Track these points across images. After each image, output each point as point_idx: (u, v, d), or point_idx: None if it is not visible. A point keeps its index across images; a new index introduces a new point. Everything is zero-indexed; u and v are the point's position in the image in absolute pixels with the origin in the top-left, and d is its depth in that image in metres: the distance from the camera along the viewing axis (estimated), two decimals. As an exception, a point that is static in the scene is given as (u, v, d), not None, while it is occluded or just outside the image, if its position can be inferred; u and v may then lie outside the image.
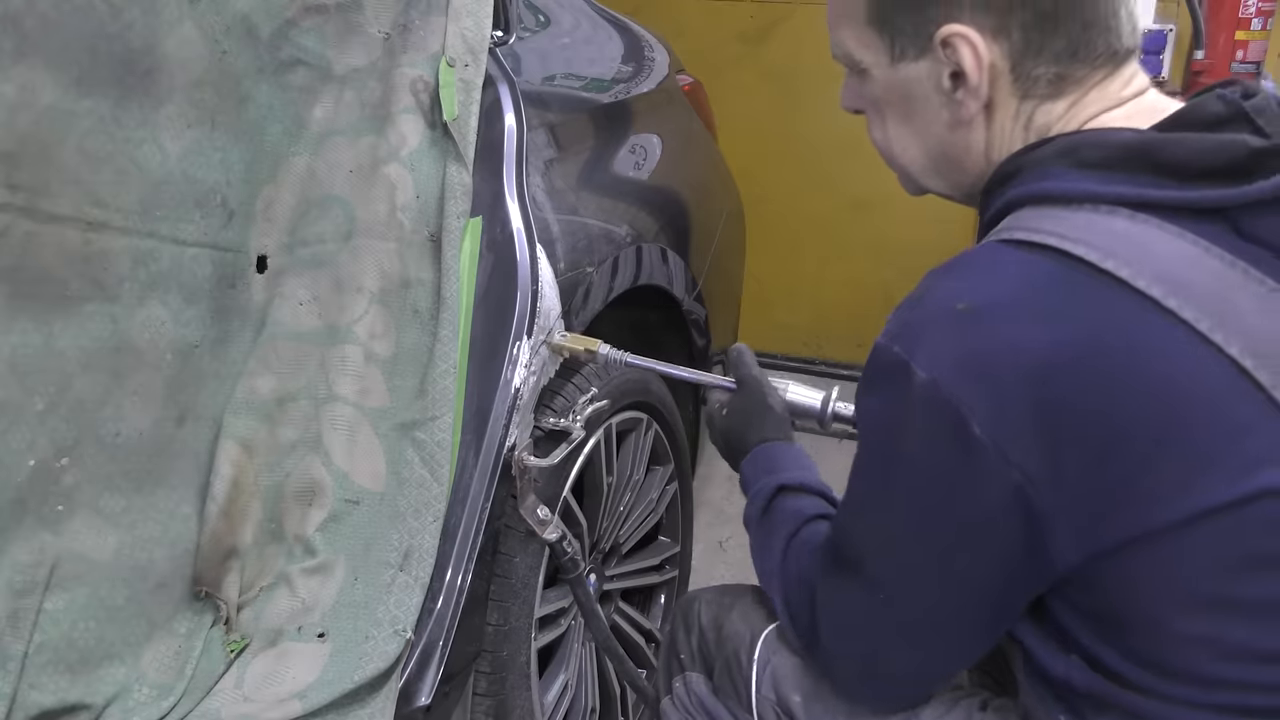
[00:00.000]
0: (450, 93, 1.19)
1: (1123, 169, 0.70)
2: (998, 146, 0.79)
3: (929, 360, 0.68)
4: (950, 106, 0.79)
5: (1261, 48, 2.44)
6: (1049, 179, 0.73)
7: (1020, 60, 0.75)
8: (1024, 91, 0.76)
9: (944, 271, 0.73)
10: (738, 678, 1.00)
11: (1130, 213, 0.68)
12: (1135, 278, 0.65)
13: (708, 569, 2.20)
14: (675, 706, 1.08)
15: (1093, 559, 0.68)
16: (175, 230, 1.01)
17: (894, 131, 0.85)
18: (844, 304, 3.30)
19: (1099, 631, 0.72)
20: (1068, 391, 0.65)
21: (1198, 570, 0.67)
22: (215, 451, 1.07)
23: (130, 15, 0.95)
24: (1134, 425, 0.64)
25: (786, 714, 0.96)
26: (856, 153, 3.12)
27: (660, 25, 2.19)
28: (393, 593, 1.04)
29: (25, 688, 0.87)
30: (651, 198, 1.71)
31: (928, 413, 0.68)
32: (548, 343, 1.22)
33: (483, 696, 1.27)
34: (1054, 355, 0.65)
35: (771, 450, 1.07)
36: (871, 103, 0.86)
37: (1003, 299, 0.68)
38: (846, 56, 0.85)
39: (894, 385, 0.70)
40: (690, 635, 1.09)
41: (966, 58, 0.74)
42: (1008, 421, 0.66)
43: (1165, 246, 0.67)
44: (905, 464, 0.73)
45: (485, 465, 1.14)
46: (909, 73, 0.80)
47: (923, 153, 0.84)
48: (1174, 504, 0.65)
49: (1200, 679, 0.69)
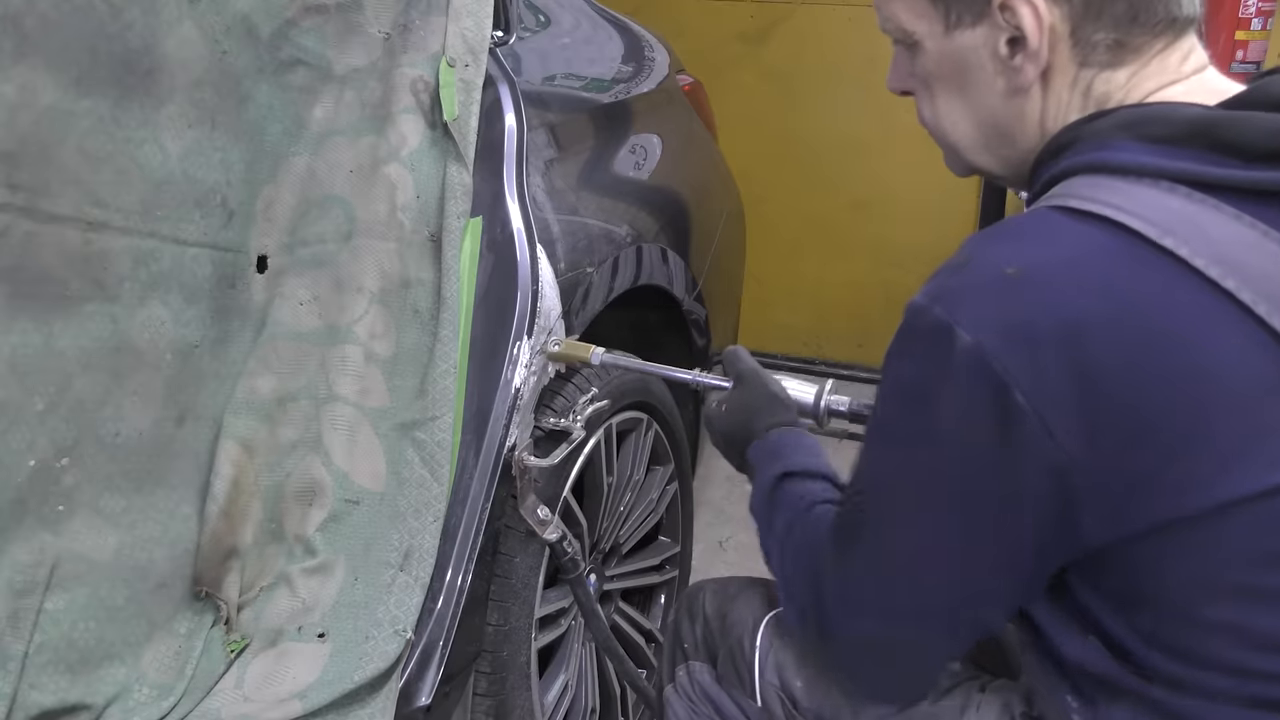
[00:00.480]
0: (450, 93, 1.19)
1: (1186, 145, 0.68)
2: (1053, 116, 0.77)
3: (974, 324, 0.66)
4: (1007, 74, 0.77)
5: (1261, 48, 2.44)
6: (1108, 150, 0.71)
7: (1080, 24, 0.73)
8: (1083, 58, 0.74)
9: (991, 236, 0.72)
10: (741, 664, 1.00)
11: (1188, 191, 0.67)
12: (1194, 256, 0.64)
13: (708, 569, 2.20)
14: (679, 695, 1.08)
15: (1121, 539, 0.67)
16: (175, 230, 1.01)
17: (944, 107, 0.83)
18: (844, 304, 3.30)
19: (1121, 613, 0.71)
20: (1112, 366, 0.63)
21: (1226, 558, 0.66)
22: (215, 451, 1.07)
23: (130, 15, 0.95)
24: (1176, 408, 0.63)
25: (790, 699, 0.96)
26: (856, 153, 3.14)
27: (660, 25, 2.18)
28: (393, 593, 1.04)
29: (25, 688, 0.87)
30: (651, 198, 1.71)
31: (969, 378, 0.66)
32: (543, 352, 1.21)
33: (483, 696, 1.27)
34: (1103, 328, 0.63)
35: (778, 437, 1.05)
36: (922, 79, 0.84)
37: (1055, 266, 0.66)
38: (898, 29, 0.83)
39: (933, 348, 0.68)
40: (695, 624, 1.09)
41: (1027, 19, 0.73)
42: (1051, 392, 0.64)
43: (1224, 228, 0.65)
44: (939, 431, 0.70)
45: (485, 465, 1.14)
46: (964, 40, 0.77)
47: (974, 126, 0.82)
48: (1202, 493, 0.64)
49: (1222, 667, 0.68)
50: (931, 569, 0.75)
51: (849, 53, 3.03)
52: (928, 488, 0.73)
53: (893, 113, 3.04)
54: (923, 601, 0.77)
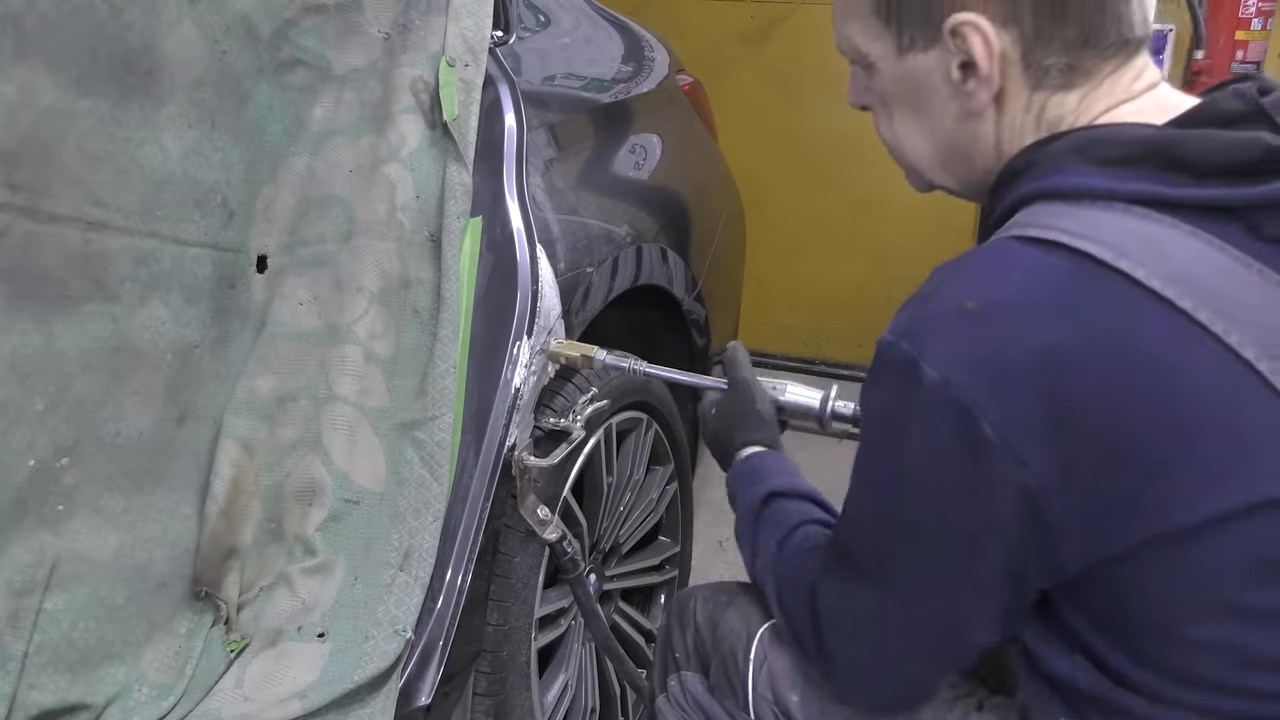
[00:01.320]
0: (450, 93, 1.19)
1: (1138, 165, 0.69)
2: (1008, 139, 0.78)
3: (939, 359, 0.67)
4: (960, 98, 0.77)
5: (1261, 48, 2.44)
6: (1061, 174, 0.72)
7: (1031, 48, 0.73)
8: (1035, 82, 0.75)
9: (953, 268, 0.72)
10: (734, 677, 1.00)
11: (1144, 211, 0.67)
12: (1149, 278, 0.64)
13: (708, 569, 2.20)
14: (671, 705, 1.08)
15: (1102, 563, 0.68)
16: (176, 230, 1.01)
17: (901, 127, 0.84)
18: (844, 304, 3.30)
19: (1106, 633, 0.71)
20: (1079, 393, 0.64)
21: (1207, 577, 0.66)
22: (215, 451, 1.07)
23: (130, 15, 0.95)
24: (1146, 430, 0.64)
25: (784, 713, 0.96)
26: (856, 153, 3.13)
27: (660, 25, 2.18)
28: (393, 592, 1.04)
29: (25, 688, 0.87)
30: (651, 198, 1.71)
31: (937, 412, 0.67)
32: (543, 350, 1.21)
33: (483, 696, 1.27)
34: (1066, 356, 0.64)
35: (755, 460, 1.07)
36: (879, 97, 0.85)
37: (1014, 298, 0.67)
38: (853, 50, 0.83)
39: (902, 383, 0.69)
40: (685, 633, 1.08)
41: (977, 46, 0.73)
42: (1019, 422, 0.65)
43: (1179, 246, 0.66)
44: (913, 464, 0.71)
45: (485, 465, 1.14)
46: (917, 64, 0.78)
47: (931, 147, 0.83)
48: (1183, 511, 0.64)
49: (1209, 685, 0.68)
50: (918, 597, 0.76)
51: (849, 53, 3.03)
52: (906, 517, 0.74)
53: (893, 113, 3.05)
54: (907, 628, 0.78)
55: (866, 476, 0.79)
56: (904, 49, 0.79)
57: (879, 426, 0.76)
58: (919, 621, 0.77)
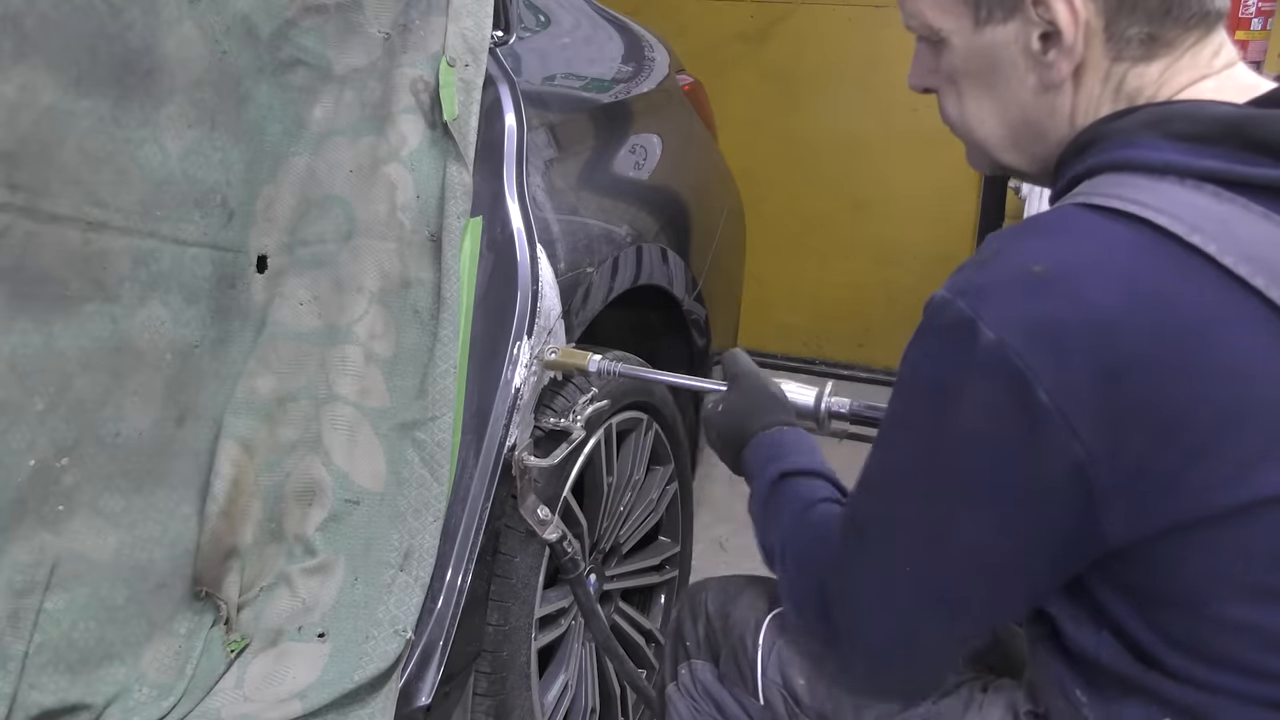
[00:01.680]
0: (450, 93, 1.19)
1: (1214, 143, 0.67)
2: (1084, 111, 0.76)
3: (998, 320, 0.65)
4: (1039, 69, 0.75)
5: (1261, 48, 2.44)
6: (1134, 147, 0.70)
7: (1115, 17, 0.72)
8: (1116, 52, 0.73)
9: (1017, 233, 0.71)
10: (743, 662, 1.00)
11: (1216, 189, 0.66)
12: (1222, 254, 0.63)
13: (708, 569, 2.20)
14: (681, 693, 1.08)
15: (1143, 538, 0.67)
16: (175, 230, 1.01)
17: (972, 104, 0.81)
18: (844, 304, 3.30)
19: (1139, 610, 0.70)
20: (1138, 365, 0.63)
21: (1247, 558, 0.65)
22: (215, 451, 1.07)
23: (130, 15, 0.95)
24: (1202, 406, 0.63)
25: (792, 697, 0.95)
26: (856, 153, 3.14)
27: (660, 25, 2.18)
28: (393, 593, 1.04)
29: (25, 688, 0.87)
30: (651, 198, 1.71)
31: (991, 375, 0.65)
32: (539, 359, 1.21)
33: (483, 696, 1.27)
34: (1130, 327, 0.63)
35: (775, 436, 1.04)
36: (947, 76, 0.82)
37: (1081, 264, 0.65)
38: (923, 26, 0.81)
39: (955, 343, 0.67)
40: (697, 623, 1.08)
41: (1062, 14, 0.71)
42: (1075, 390, 0.63)
43: (1253, 227, 0.65)
44: (960, 427, 0.68)
45: (485, 465, 1.14)
46: (995, 36, 0.76)
47: (1003, 124, 0.81)
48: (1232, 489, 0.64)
49: (1239, 667, 0.67)
50: (950, 564, 0.73)
51: (849, 53, 3.03)
52: (948, 483, 0.71)
53: (892, 113, 3.06)
54: (941, 597, 0.75)
55: (903, 437, 0.75)
56: (982, 21, 0.76)
57: (925, 386, 0.72)
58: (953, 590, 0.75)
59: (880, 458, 0.78)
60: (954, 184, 3.02)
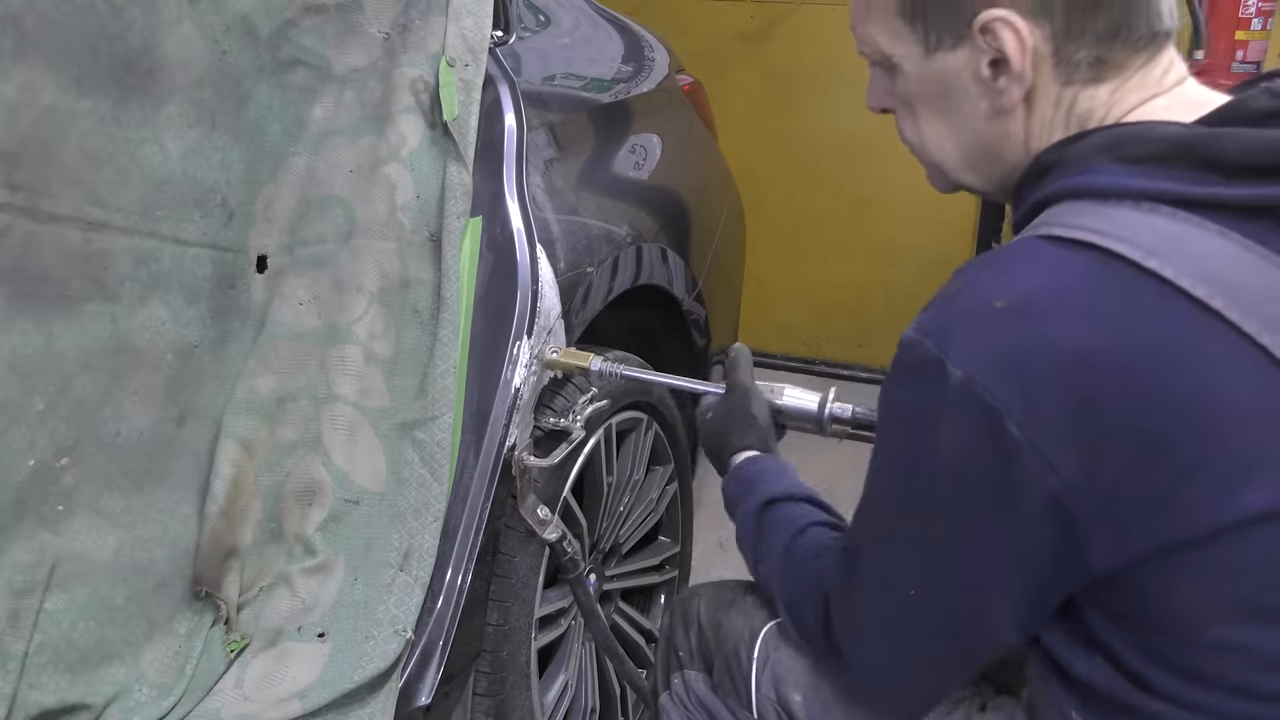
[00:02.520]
0: (450, 93, 1.19)
1: (1168, 164, 0.68)
2: (1038, 135, 0.77)
3: (964, 357, 0.66)
4: (990, 96, 0.76)
5: (1261, 48, 2.44)
6: (1090, 173, 0.71)
7: (1063, 43, 0.72)
8: (1066, 77, 0.74)
9: (980, 266, 0.71)
10: (737, 675, 1.00)
11: (1171, 210, 0.66)
12: (1178, 277, 0.63)
13: (708, 569, 2.20)
14: (674, 703, 1.08)
15: (1129, 564, 0.67)
16: (176, 230, 1.01)
17: (927, 128, 0.82)
18: (844, 304, 3.30)
19: (1130, 634, 0.70)
20: (1107, 393, 0.63)
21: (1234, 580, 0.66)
22: (215, 451, 1.07)
23: (130, 15, 0.95)
24: (1174, 431, 0.63)
25: (786, 713, 0.96)
26: (856, 153, 3.14)
27: (660, 25, 2.18)
28: (393, 592, 1.04)
29: (25, 687, 0.87)
30: (651, 197, 1.71)
31: (962, 412, 0.66)
32: (539, 359, 1.21)
33: (483, 696, 1.27)
34: (1095, 355, 0.63)
35: (750, 466, 1.06)
36: (902, 99, 0.83)
37: (1042, 296, 0.66)
38: (876, 52, 0.82)
39: (926, 382, 0.68)
40: (689, 632, 1.08)
41: (1009, 42, 0.72)
42: (1045, 422, 0.64)
43: (1207, 245, 0.65)
44: (936, 465, 0.70)
45: (485, 465, 1.14)
46: (945, 63, 0.77)
47: (958, 147, 0.82)
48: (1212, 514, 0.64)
49: (1231, 688, 0.68)
50: (939, 593, 0.75)
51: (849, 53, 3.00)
52: (929, 517, 0.73)
53: (892, 113, 3.06)
54: (929, 626, 0.77)
55: (885, 476, 0.77)
56: (931, 49, 0.77)
57: (901, 426, 0.74)
58: (943, 625, 0.76)
59: (867, 495, 0.80)
60: (954, 184, 3.01)
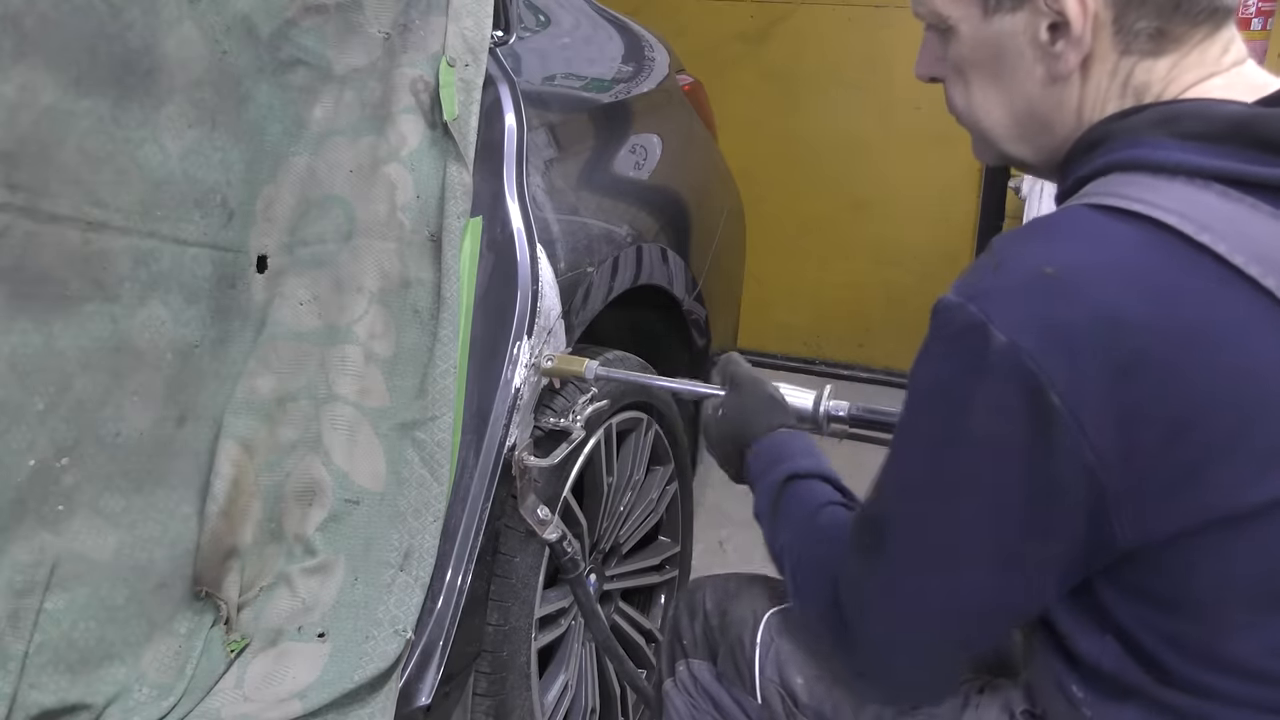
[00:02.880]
0: (450, 93, 1.19)
1: (1222, 143, 0.67)
2: (1091, 105, 0.75)
3: (1010, 323, 0.65)
4: (1047, 60, 0.75)
5: (1262, 48, 2.44)
6: (1142, 147, 0.70)
7: (1124, 10, 0.71)
8: (1124, 46, 0.73)
9: (1024, 235, 0.70)
10: (741, 661, 1.00)
11: (1223, 188, 0.66)
12: (1232, 254, 0.63)
13: (708, 569, 2.20)
14: (679, 689, 1.08)
15: (1153, 542, 0.66)
16: (175, 230, 1.01)
17: (979, 94, 0.81)
18: (844, 304, 3.30)
19: (1145, 614, 0.70)
20: (1148, 363, 0.62)
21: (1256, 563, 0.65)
22: (215, 451, 1.07)
23: (130, 15, 0.95)
24: (1215, 407, 0.62)
25: (790, 696, 0.95)
26: (856, 153, 3.14)
27: (660, 25, 2.19)
28: (393, 592, 1.04)
29: (25, 687, 0.87)
30: (651, 197, 1.71)
31: (1004, 378, 0.65)
32: (535, 365, 1.21)
33: (483, 696, 1.27)
34: (1142, 330, 0.63)
35: (777, 439, 1.04)
36: (955, 65, 0.82)
37: (1093, 265, 0.65)
38: (932, 14, 0.81)
39: (966, 347, 0.67)
40: (694, 621, 1.08)
41: (1071, 4, 0.71)
42: (1088, 393, 0.63)
43: (1260, 225, 0.64)
44: (973, 431, 0.68)
45: (485, 465, 1.14)
46: (1003, 26, 0.75)
47: (1009, 114, 0.80)
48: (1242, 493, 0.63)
49: (1244, 672, 0.67)
50: (965, 569, 0.73)
51: (849, 53, 3.03)
52: (962, 488, 0.71)
53: (893, 112, 3.06)
54: (956, 601, 0.75)
55: (916, 444, 0.75)
56: (990, 10, 0.76)
57: (936, 391, 0.72)
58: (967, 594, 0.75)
59: (893, 466, 0.78)
60: (954, 184, 3.02)
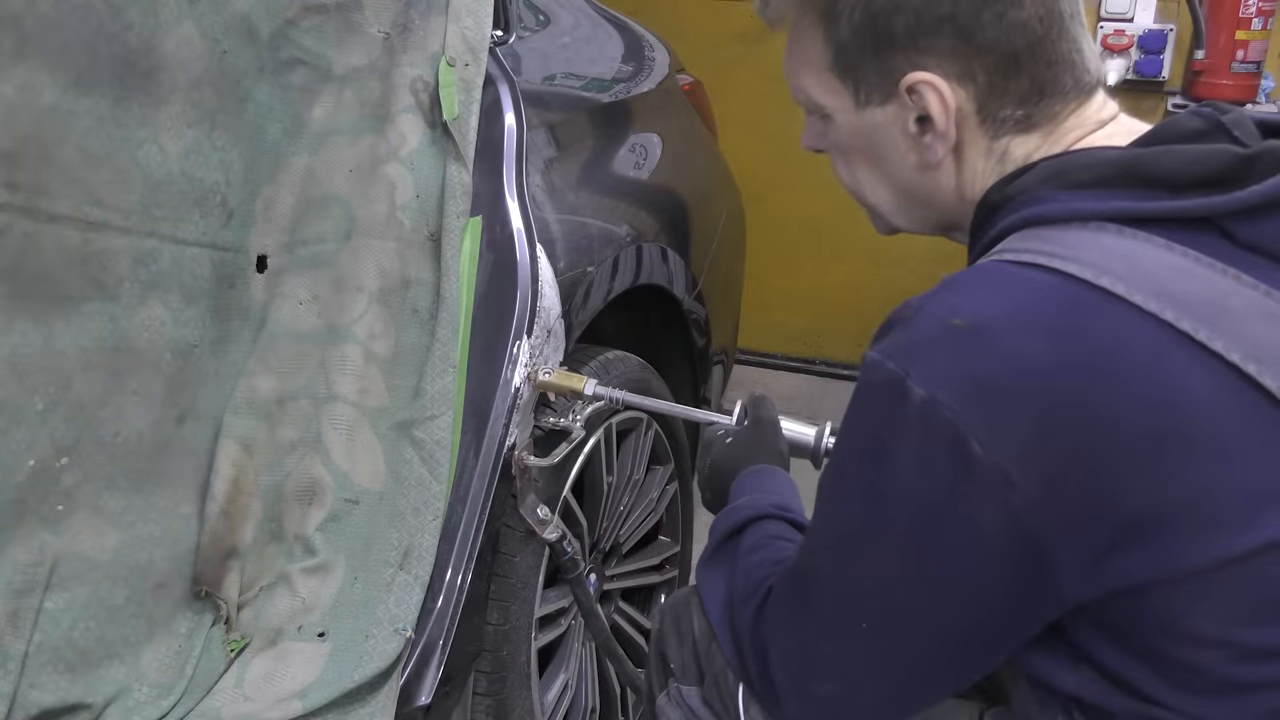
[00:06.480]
0: (450, 92, 1.19)
1: (1111, 185, 0.69)
2: (970, 184, 0.79)
3: (926, 377, 0.65)
4: (918, 150, 0.79)
5: (1262, 48, 2.44)
6: (1038, 204, 0.72)
7: (986, 103, 0.75)
8: (994, 132, 0.77)
9: (934, 290, 0.71)
10: (726, 696, 0.98)
11: (1118, 228, 0.68)
12: (1131, 293, 0.64)
13: (708, 569, 2.19)
14: (673, 703, 1.07)
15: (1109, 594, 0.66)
16: (175, 230, 1.01)
17: (861, 174, 0.85)
18: (843, 304, 3.29)
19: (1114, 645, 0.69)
20: (1068, 411, 0.63)
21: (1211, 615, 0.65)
22: (215, 451, 1.07)
23: (130, 15, 0.95)
24: (1136, 443, 0.63)
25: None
26: (856, 153, 3.14)
27: (660, 25, 2.18)
28: (393, 592, 1.04)
29: (25, 687, 0.87)
30: (651, 197, 1.71)
31: (924, 432, 0.65)
32: (532, 379, 1.20)
33: (483, 696, 1.27)
34: (1054, 374, 0.63)
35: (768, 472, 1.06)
36: (836, 145, 0.86)
37: (1000, 315, 0.66)
38: (809, 102, 0.84)
39: (887, 402, 0.68)
40: (682, 645, 1.06)
41: (933, 104, 0.75)
42: (1008, 440, 0.63)
43: (1155, 260, 0.66)
44: (898, 487, 0.68)
45: (485, 465, 1.14)
46: (875, 118, 0.80)
47: (892, 194, 0.85)
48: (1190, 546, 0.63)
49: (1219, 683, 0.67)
50: (897, 632, 0.72)
51: (849, 53, 3.03)
52: (888, 545, 0.71)
53: (893, 113, 3.06)
54: (888, 664, 0.74)
55: (842, 499, 0.74)
56: (862, 103, 0.80)
57: (860, 446, 0.72)
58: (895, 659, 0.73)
59: (821, 519, 0.77)
60: (954, 184, 3.02)
